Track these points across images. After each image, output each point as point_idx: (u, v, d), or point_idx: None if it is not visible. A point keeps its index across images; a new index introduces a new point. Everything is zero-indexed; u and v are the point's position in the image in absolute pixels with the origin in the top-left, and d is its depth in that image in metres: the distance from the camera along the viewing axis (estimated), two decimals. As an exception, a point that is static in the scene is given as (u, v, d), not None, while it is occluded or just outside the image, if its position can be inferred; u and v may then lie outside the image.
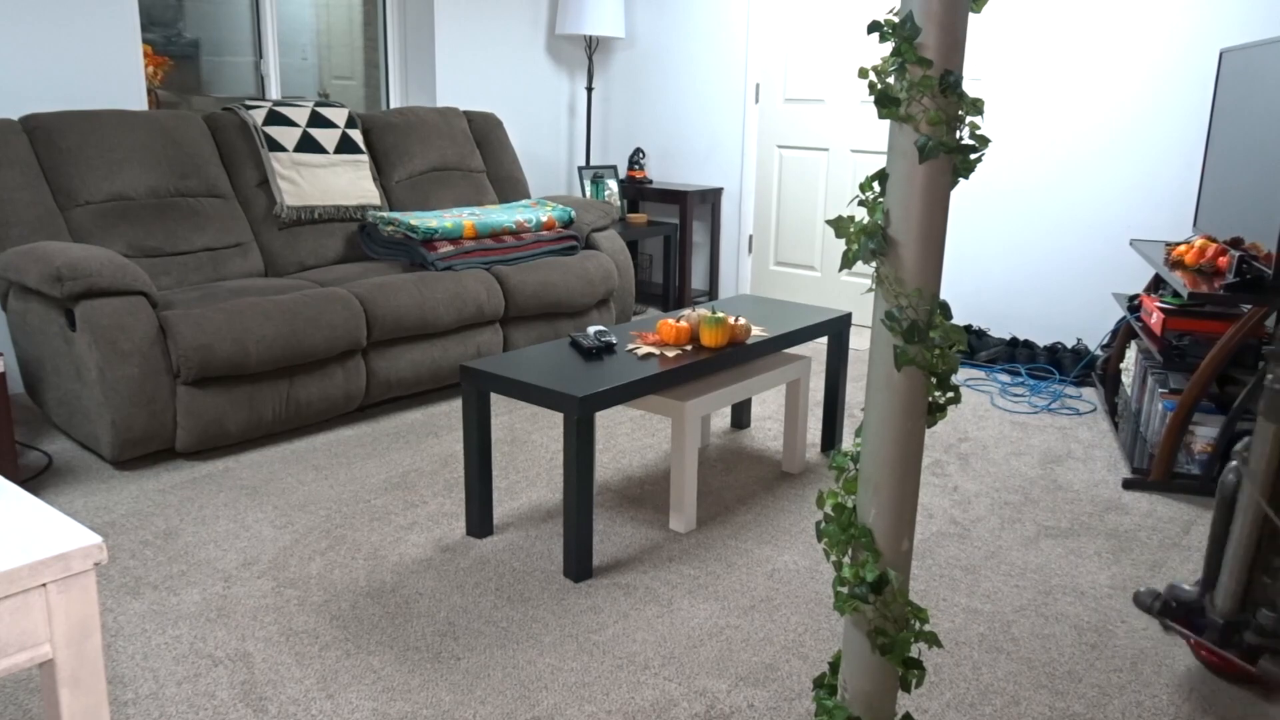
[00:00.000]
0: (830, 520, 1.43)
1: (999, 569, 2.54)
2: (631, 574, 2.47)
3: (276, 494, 2.89)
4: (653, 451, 3.31)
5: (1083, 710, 1.97)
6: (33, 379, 3.30)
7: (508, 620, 2.24)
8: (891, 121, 1.30)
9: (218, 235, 3.64)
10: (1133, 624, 2.28)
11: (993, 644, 2.19)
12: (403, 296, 3.50)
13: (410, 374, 3.59)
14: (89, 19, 3.68)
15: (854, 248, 1.34)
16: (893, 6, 4.70)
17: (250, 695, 1.96)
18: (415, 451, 3.25)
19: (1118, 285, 4.24)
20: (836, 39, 4.88)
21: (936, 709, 1.96)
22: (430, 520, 2.74)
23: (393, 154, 4.27)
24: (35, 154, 3.35)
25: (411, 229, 3.77)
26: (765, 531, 2.72)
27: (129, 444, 2.96)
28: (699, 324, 2.78)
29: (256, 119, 3.87)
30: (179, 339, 2.96)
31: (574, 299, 4.06)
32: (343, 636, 2.17)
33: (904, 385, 1.35)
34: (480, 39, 5.09)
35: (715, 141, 5.36)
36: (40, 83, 3.61)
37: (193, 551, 2.54)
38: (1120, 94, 4.09)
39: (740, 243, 5.39)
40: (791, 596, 2.38)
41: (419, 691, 1.98)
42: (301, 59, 4.78)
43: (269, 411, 3.20)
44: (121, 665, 2.05)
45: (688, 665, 2.09)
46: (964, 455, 3.32)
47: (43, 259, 2.91)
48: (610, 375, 2.49)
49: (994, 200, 4.48)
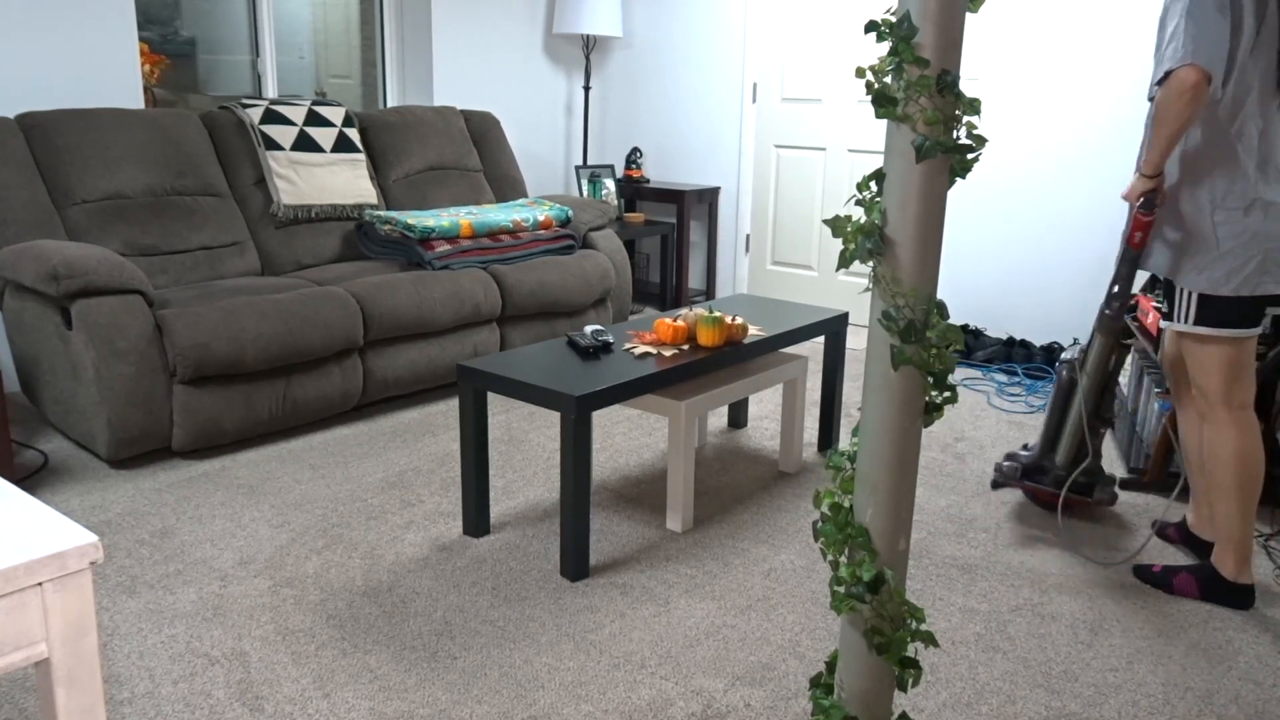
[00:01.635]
0: (827, 520, 1.43)
1: (995, 568, 2.54)
2: (628, 573, 2.47)
3: (273, 493, 2.89)
4: (649, 451, 3.31)
5: (1079, 709, 1.97)
6: (29, 377, 3.29)
7: (504, 619, 2.24)
8: (889, 121, 1.30)
9: (214, 234, 3.63)
10: (1129, 623, 2.29)
11: (989, 643, 2.20)
12: (400, 296, 3.50)
13: (407, 373, 3.59)
14: (85, 17, 3.68)
15: (851, 247, 1.34)
16: (890, 6, 4.71)
17: (246, 694, 1.96)
18: (412, 451, 3.25)
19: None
20: (834, 39, 4.88)
21: (933, 708, 1.96)
22: (427, 519, 2.74)
23: (390, 153, 4.27)
24: (31, 152, 3.34)
25: (409, 228, 3.77)
26: (762, 531, 2.72)
27: (125, 443, 2.95)
28: (696, 323, 2.78)
29: (253, 117, 3.86)
30: (175, 338, 2.96)
31: (571, 298, 4.06)
32: (339, 635, 2.17)
33: (901, 385, 1.35)
34: (478, 38, 5.09)
35: (712, 141, 5.36)
36: (36, 81, 3.60)
37: (189, 550, 2.53)
38: (1117, 93, 4.10)
39: (737, 242, 5.39)
40: (788, 596, 2.38)
41: (415, 690, 1.98)
42: (299, 58, 4.77)
43: (266, 410, 3.20)
44: (118, 664, 2.04)
45: (684, 664, 2.09)
46: (960, 455, 3.33)
47: (39, 257, 2.90)
48: (607, 375, 2.49)
49: (991, 200, 4.49)
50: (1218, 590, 2.37)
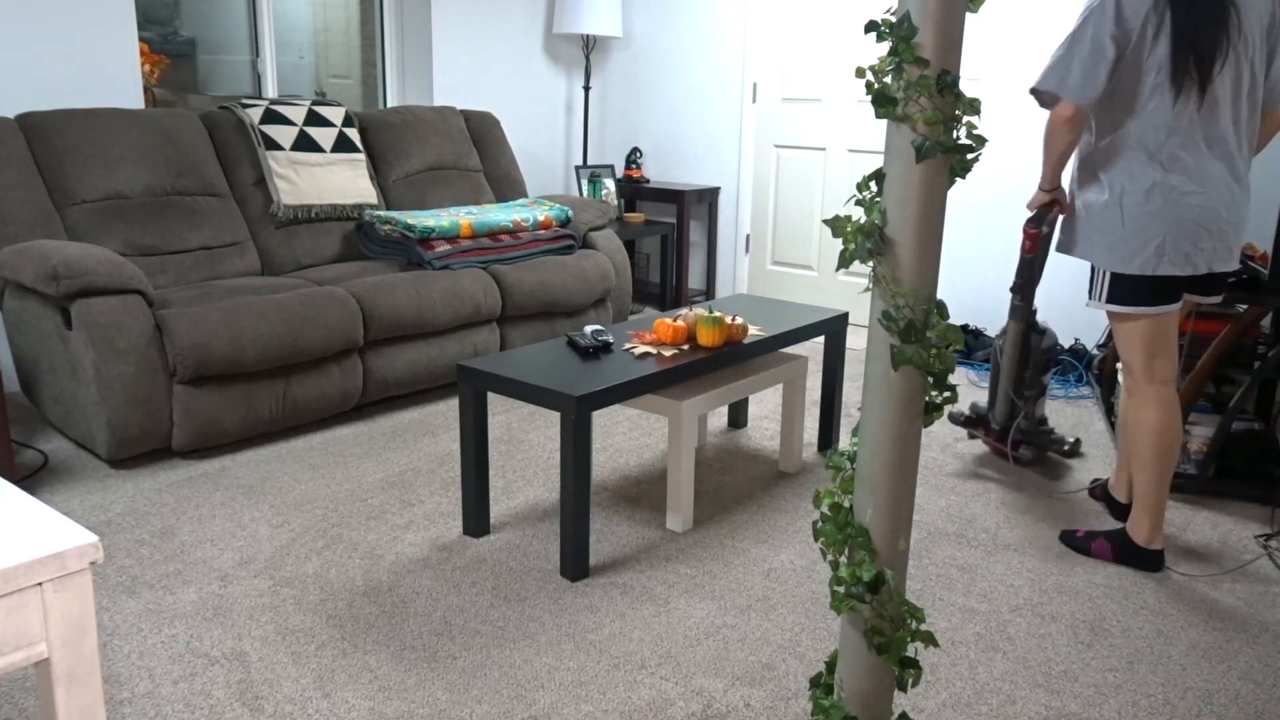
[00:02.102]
0: (827, 520, 1.43)
1: (995, 568, 2.54)
2: (628, 573, 2.47)
3: (273, 493, 2.89)
4: (649, 451, 3.31)
5: (1079, 709, 1.97)
6: (29, 377, 3.29)
7: (504, 619, 2.24)
8: (889, 121, 1.30)
9: (214, 234, 3.63)
10: (1129, 623, 2.29)
11: (989, 643, 2.20)
12: (400, 296, 3.50)
13: (407, 373, 3.59)
14: (85, 17, 3.68)
15: (851, 247, 1.34)
16: (890, 6, 4.71)
17: (246, 694, 1.96)
18: (412, 451, 3.25)
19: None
20: (834, 39, 4.88)
21: (933, 708, 1.96)
22: (427, 519, 2.74)
23: (390, 153, 4.27)
24: (31, 152, 3.34)
25: (409, 228, 3.77)
26: (762, 531, 2.72)
27: (125, 443, 2.95)
28: (696, 323, 2.78)
29: (253, 117, 3.86)
30: (175, 338, 2.96)
31: (571, 298, 4.06)
32: (339, 635, 2.17)
33: (901, 385, 1.35)
34: (477, 38, 5.09)
35: (712, 141, 5.36)
36: (36, 81, 3.60)
37: (189, 551, 2.53)
38: (1117, 94, 4.09)
39: (737, 242, 5.39)
40: (788, 596, 2.38)
41: (415, 690, 1.98)
42: (299, 58, 4.77)
43: (265, 410, 3.20)
44: (117, 664, 2.04)
45: (684, 664, 2.09)
46: (961, 455, 3.33)
47: (39, 257, 2.90)
48: (607, 375, 2.49)
49: (991, 200, 4.48)
50: (1131, 555, 2.55)
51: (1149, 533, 2.51)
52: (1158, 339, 2.42)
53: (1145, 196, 2.31)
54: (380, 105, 5.10)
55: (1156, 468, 2.46)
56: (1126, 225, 2.33)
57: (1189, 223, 2.29)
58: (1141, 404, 2.47)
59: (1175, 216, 2.29)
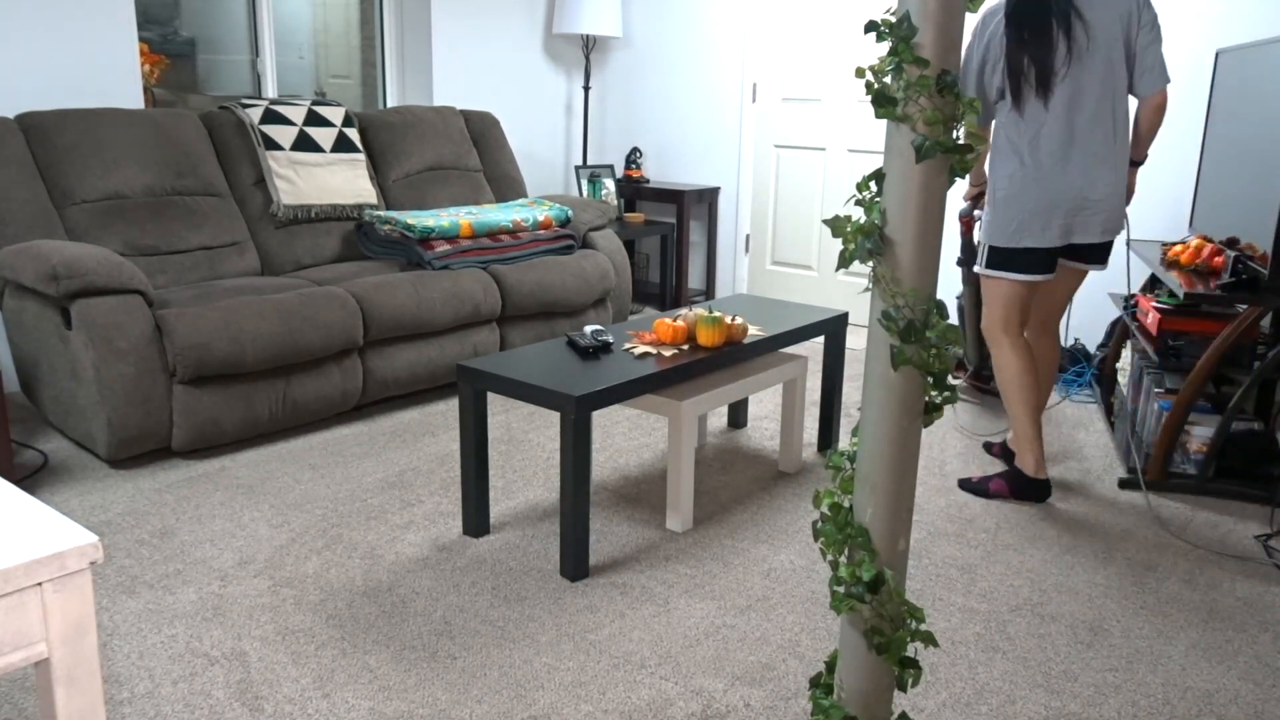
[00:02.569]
0: (827, 520, 1.43)
1: (995, 568, 2.54)
2: (628, 573, 2.47)
3: (273, 493, 2.89)
4: (649, 451, 3.31)
5: (1079, 709, 1.97)
6: (28, 377, 3.29)
7: (504, 619, 2.24)
8: (888, 121, 1.30)
9: (214, 234, 3.63)
10: (1129, 623, 2.29)
11: (989, 643, 2.20)
12: (399, 296, 3.50)
13: (407, 373, 3.59)
14: (85, 17, 3.68)
15: (851, 247, 1.34)
16: (890, 6, 4.71)
17: (246, 694, 1.96)
18: (412, 451, 3.25)
19: (1114, 285, 4.24)
20: (833, 39, 4.88)
21: (933, 708, 1.96)
22: (427, 519, 2.74)
23: (390, 153, 4.27)
24: (31, 152, 3.34)
25: (408, 228, 3.77)
26: (762, 531, 2.72)
27: (125, 443, 2.95)
28: (696, 323, 2.78)
29: (253, 117, 3.86)
30: (175, 338, 2.96)
31: (571, 298, 4.06)
32: (339, 635, 2.17)
33: (901, 384, 1.35)
34: (477, 38, 5.09)
35: (712, 141, 5.36)
36: (36, 80, 3.60)
37: (189, 550, 2.53)
38: (1117, 94, 4.10)
39: (737, 242, 5.39)
40: (788, 596, 2.38)
41: (415, 690, 1.98)
42: (298, 58, 4.77)
43: (265, 410, 3.20)
44: (117, 664, 2.04)
45: (684, 664, 2.09)
46: (961, 455, 3.33)
47: (39, 257, 2.90)
48: (607, 375, 2.49)
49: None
50: (1022, 487, 2.91)
51: (1034, 464, 2.89)
52: (1015, 301, 2.86)
53: (1008, 183, 2.77)
54: (380, 105, 5.10)
55: (1023, 403, 2.88)
56: (996, 207, 2.81)
57: (1044, 203, 2.73)
58: (1003, 354, 2.89)
59: (1031, 197, 2.74)
